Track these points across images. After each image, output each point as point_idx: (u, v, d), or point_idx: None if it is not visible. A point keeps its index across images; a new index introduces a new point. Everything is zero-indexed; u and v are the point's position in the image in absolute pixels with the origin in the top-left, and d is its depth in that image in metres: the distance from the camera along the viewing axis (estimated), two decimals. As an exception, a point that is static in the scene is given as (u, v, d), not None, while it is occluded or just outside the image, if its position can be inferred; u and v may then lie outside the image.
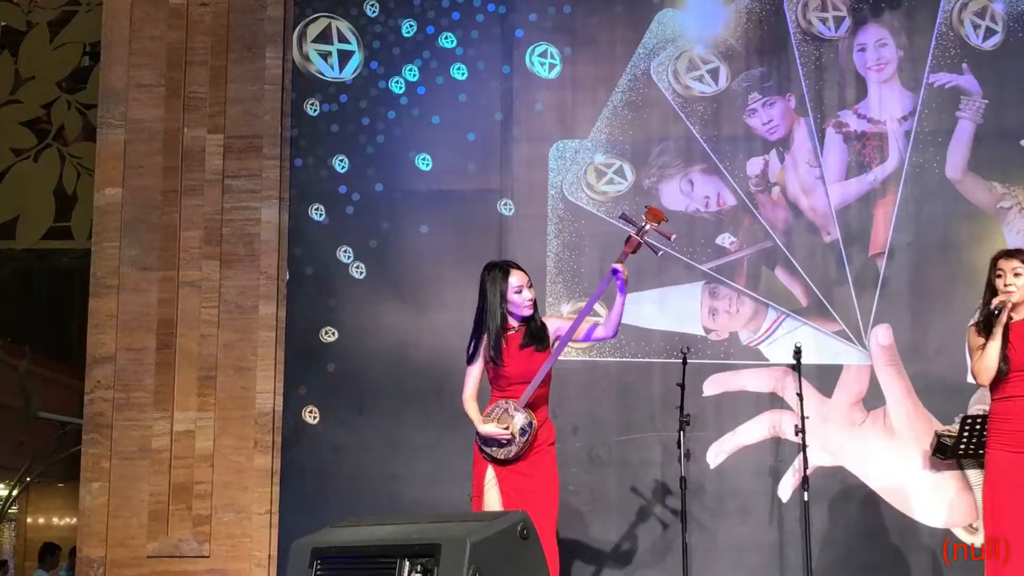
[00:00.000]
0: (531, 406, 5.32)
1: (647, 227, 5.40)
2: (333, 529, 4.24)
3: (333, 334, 7.13)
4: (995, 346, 5.17)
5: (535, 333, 5.39)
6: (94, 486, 6.99)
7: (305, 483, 6.98)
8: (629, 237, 5.43)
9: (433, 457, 6.84)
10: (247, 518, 6.91)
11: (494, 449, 5.30)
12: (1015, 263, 5.25)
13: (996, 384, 5.24)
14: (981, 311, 5.31)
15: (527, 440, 5.27)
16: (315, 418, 7.06)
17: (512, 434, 5.24)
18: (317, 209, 7.23)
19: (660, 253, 5.58)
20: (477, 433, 5.34)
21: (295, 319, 7.13)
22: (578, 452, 6.85)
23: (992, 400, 5.30)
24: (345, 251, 7.18)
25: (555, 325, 5.52)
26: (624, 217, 5.74)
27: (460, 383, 5.55)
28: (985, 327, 5.23)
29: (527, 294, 5.41)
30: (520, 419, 5.26)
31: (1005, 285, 5.23)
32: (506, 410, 5.28)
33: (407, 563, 3.79)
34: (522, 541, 3.84)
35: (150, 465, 6.98)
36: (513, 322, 5.43)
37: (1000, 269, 5.28)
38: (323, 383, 7.07)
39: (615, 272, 5.34)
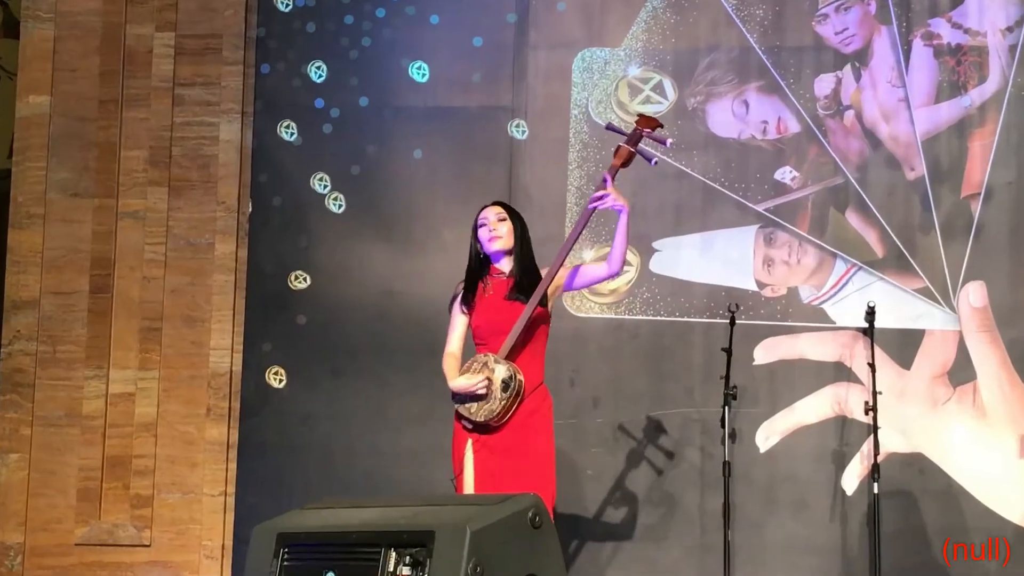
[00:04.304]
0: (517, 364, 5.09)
1: (639, 132, 5.23)
2: (303, 512, 4.12)
3: (304, 280, 6.81)
4: None
5: (522, 283, 5.15)
6: (11, 458, 6.79)
7: (268, 459, 6.71)
8: (618, 147, 5.21)
9: (423, 429, 6.48)
10: (196, 500, 6.71)
11: (472, 408, 5.03)
12: None
13: None
14: None
15: (511, 395, 4.98)
16: (281, 381, 6.77)
17: (489, 380, 4.97)
18: (287, 127, 6.90)
19: (654, 161, 5.40)
20: (453, 396, 5.08)
21: (258, 260, 6.84)
22: (600, 429, 6.57)
23: None
24: (321, 179, 6.84)
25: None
26: (611, 127, 5.61)
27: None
28: None
29: (489, 228, 5.23)
30: (501, 371, 4.99)
31: None
32: (485, 363, 5.05)
33: (393, 553, 3.65)
34: (534, 530, 3.70)
35: (80, 434, 6.76)
36: (502, 267, 5.23)
37: None
38: (291, 339, 6.79)
39: (602, 189, 5.13)
